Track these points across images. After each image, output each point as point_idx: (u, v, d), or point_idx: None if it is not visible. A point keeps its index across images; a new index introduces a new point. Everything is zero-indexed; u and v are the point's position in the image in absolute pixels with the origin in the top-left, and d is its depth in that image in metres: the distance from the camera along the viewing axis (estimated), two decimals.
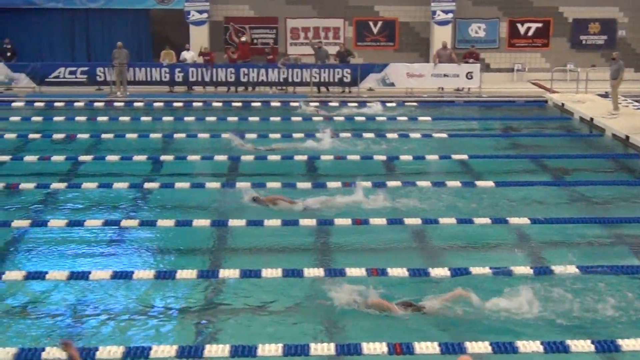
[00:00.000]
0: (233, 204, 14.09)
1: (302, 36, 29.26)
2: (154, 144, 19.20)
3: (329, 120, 22.06)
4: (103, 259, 11.84)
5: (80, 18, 28.78)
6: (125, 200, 14.60)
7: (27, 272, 11.03)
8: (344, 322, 9.62)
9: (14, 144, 19.12)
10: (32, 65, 26.47)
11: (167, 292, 10.51)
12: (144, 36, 29.20)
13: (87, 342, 9.05)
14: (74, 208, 14.14)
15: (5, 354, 8.63)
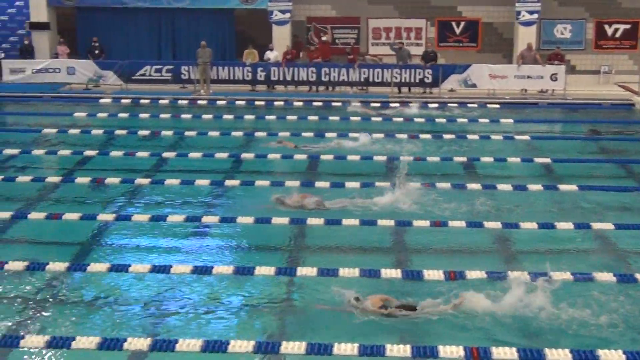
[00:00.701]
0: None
1: (383, 36, 29.20)
2: (236, 141, 19.44)
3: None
4: (184, 253, 12.07)
5: (166, 17, 29.35)
6: (206, 196, 14.83)
7: (111, 264, 11.33)
8: (419, 324, 9.57)
9: (100, 139, 19.65)
10: (120, 63, 27.13)
11: (245, 288, 10.63)
12: (228, 35, 29.60)
13: (167, 335, 9.25)
14: (156, 203, 14.43)
15: (89, 343, 8.90)
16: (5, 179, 15.76)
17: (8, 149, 18.22)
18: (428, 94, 26.61)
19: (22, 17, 29.52)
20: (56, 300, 10.29)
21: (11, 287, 10.65)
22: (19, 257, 11.47)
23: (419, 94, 26.57)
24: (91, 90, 26.64)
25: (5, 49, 29.40)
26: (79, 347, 8.85)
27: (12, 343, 8.95)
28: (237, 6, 28.80)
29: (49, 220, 13.28)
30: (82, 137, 19.89)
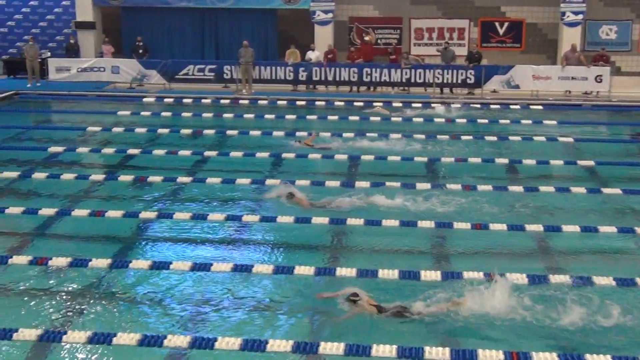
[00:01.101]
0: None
1: (426, 37, 29.08)
2: (277, 140, 19.49)
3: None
4: (224, 252, 12.16)
5: (210, 17, 29.56)
6: (247, 196, 14.91)
7: (153, 261, 11.45)
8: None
9: (144, 137, 19.87)
10: (163, 63, 27.40)
11: (284, 287, 10.67)
12: (271, 35, 29.71)
13: (206, 332, 9.33)
14: (198, 202, 14.55)
15: (129, 339, 9.01)
16: (50, 176, 16.01)
17: (53, 146, 18.50)
18: (471, 95, 26.42)
19: (68, 17, 29.96)
20: (98, 297, 10.43)
21: (55, 283, 10.82)
22: (62, 253, 11.65)
23: (463, 95, 26.41)
24: (135, 89, 26.93)
25: (52, 48, 29.86)
26: (120, 343, 8.96)
27: (54, 338, 9.10)
28: (279, 6, 28.89)
29: (92, 217, 13.47)
30: (125, 135, 20.12)
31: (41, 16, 30.30)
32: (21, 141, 19.52)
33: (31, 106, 25.05)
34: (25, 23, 30.33)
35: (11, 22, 30.35)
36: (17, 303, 10.27)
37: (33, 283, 10.84)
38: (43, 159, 17.70)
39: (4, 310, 10.06)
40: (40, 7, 30.27)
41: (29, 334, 9.12)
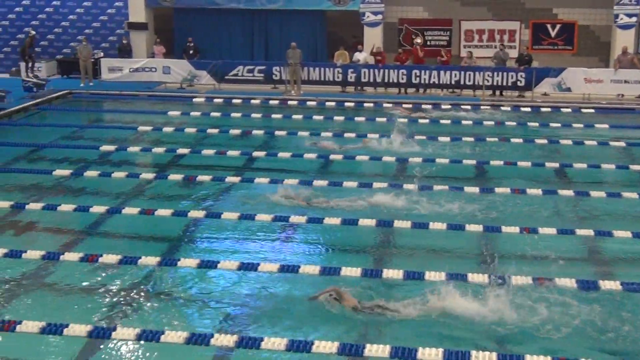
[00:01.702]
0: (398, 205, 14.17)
1: (476, 38, 28.84)
2: (325, 142, 19.48)
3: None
4: (272, 252, 12.24)
5: (259, 18, 29.72)
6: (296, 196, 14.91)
7: (201, 260, 11.56)
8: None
9: (193, 137, 20.06)
10: (213, 63, 27.62)
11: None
12: (320, 37, 29.76)
13: (253, 332, 9.39)
14: (246, 202, 14.64)
15: (177, 337, 9.11)
16: (102, 174, 16.27)
17: (105, 145, 18.80)
18: (521, 98, 26.14)
19: (121, 18, 30.37)
20: (147, 294, 10.57)
21: (104, 280, 10.99)
22: (112, 251, 11.84)
23: (513, 98, 26.15)
24: (185, 90, 27.19)
25: (105, 49, 30.31)
26: (167, 341, 9.07)
27: (104, 334, 9.25)
28: (329, 8, 28.92)
29: (142, 215, 13.66)
30: (175, 135, 20.32)
31: (95, 17, 30.78)
32: (74, 140, 19.85)
33: (84, 105, 25.45)
34: (79, 24, 30.83)
35: (65, 22, 30.88)
36: (67, 299, 10.47)
37: (83, 280, 11.02)
38: (95, 157, 17.98)
39: (55, 306, 10.26)
40: (94, 8, 30.74)
41: (79, 329, 9.29)
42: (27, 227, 13.44)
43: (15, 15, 30.96)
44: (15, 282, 10.99)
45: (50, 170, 16.52)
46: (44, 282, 11.08)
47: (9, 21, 31.02)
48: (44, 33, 30.69)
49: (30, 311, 10.05)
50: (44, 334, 9.27)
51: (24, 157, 18.00)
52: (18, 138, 19.91)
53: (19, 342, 9.28)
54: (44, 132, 20.77)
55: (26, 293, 10.67)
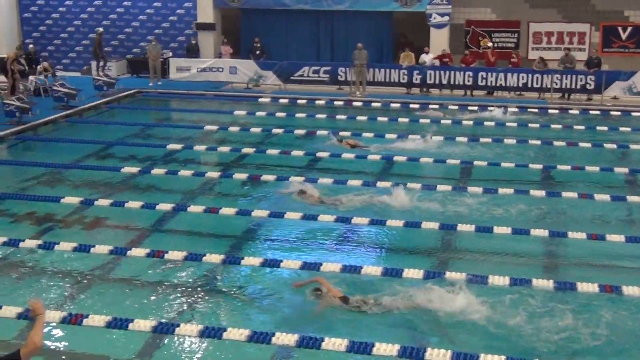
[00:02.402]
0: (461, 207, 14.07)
1: (544, 41, 28.39)
2: (387, 143, 19.46)
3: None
4: (333, 252, 12.27)
5: (325, 19, 29.78)
6: (358, 197, 14.91)
7: (264, 259, 11.66)
8: None
9: (258, 137, 20.22)
10: (279, 64, 27.80)
11: (393, 290, 10.65)
12: (386, 38, 29.68)
13: (314, 332, 9.42)
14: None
15: (239, 335, 9.20)
16: (168, 172, 16.53)
17: (172, 143, 19.09)
18: (590, 101, 25.65)
19: (189, 18, 30.79)
20: (210, 291, 10.71)
21: (170, 276, 11.16)
22: (177, 248, 12.02)
23: (582, 101, 25.68)
24: (251, 90, 27.43)
25: (173, 48, 30.77)
26: (230, 338, 9.17)
27: (167, 330, 9.40)
28: (396, 9, 28.81)
29: (207, 213, 13.83)
30: (241, 134, 20.51)
31: (164, 17, 31.26)
32: (142, 138, 20.22)
33: (152, 104, 25.90)
34: (148, 24, 31.37)
35: (136, 22, 31.44)
36: (133, 294, 10.67)
37: (149, 275, 11.22)
38: (162, 155, 18.28)
39: (121, 300, 10.47)
40: (164, 9, 31.23)
41: (144, 324, 9.46)
42: (95, 222, 13.75)
43: (87, 15, 31.65)
44: (83, 276, 11.26)
45: (119, 168, 16.87)
46: (111, 276, 11.31)
47: (81, 21, 31.73)
48: (115, 33, 31.31)
49: (97, 305, 10.27)
50: (109, 328, 9.46)
51: (93, 154, 18.41)
52: (88, 135, 20.38)
53: (85, 335, 9.49)
54: (113, 130, 21.22)
55: (93, 287, 10.91)
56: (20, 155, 18.99)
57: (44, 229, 13.35)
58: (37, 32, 32.02)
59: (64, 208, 14.26)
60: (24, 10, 31.98)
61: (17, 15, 31.90)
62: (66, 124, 21.93)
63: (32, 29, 32.05)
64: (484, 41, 28.23)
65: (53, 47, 31.89)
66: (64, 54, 31.93)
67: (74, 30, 31.87)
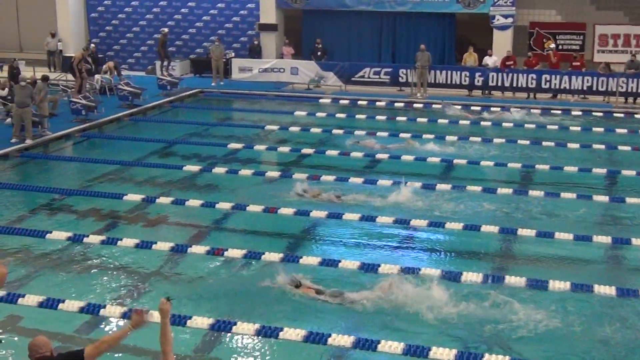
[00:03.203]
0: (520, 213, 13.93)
1: (610, 43, 27.84)
2: (449, 146, 19.35)
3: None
4: (392, 254, 12.26)
5: (387, 21, 29.68)
6: (418, 199, 14.89)
7: (322, 259, 11.72)
8: None
9: (318, 138, 20.26)
10: (340, 65, 27.82)
11: (451, 293, 10.59)
12: (448, 40, 29.45)
13: (367, 334, 9.42)
14: (368, 203, 14.69)
15: (295, 335, 9.25)
16: (229, 171, 16.70)
17: (233, 143, 19.28)
18: None
19: (252, 19, 31.02)
20: (269, 290, 10.76)
21: (228, 274, 11.27)
22: (237, 246, 12.15)
23: None
24: (312, 90, 27.51)
25: (236, 49, 31.04)
26: (285, 337, 9.23)
27: (225, 327, 9.50)
28: (458, 10, 28.58)
29: (265, 213, 13.94)
30: (301, 135, 20.59)
31: (227, 18, 31.56)
32: (203, 137, 20.46)
33: (214, 104, 26.18)
34: (212, 24, 31.70)
35: (199, 23, 31.81)
36: (192, 291, 10.80)
37: (208, 272, 11.35)
38: (223, 154, 18.48)
39: (180, 297, 10.59)
40: (227, 10, 31.52)
41: (201, 322, 9.58)
42: (157, 220, 13.98)
43: (152, 15, 32.16)
44: (143, 272, 11.44)
45: (181, 166, 17.11)
46: (171, 273, 11.46)
47: (146, 21, 32.25)
48: (179, 33, 31.73)
49: (156, 301, 10.41)
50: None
51: (156, 153, 18.71)
52: (151, 134, 20.73)
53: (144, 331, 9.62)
54: (176, 129, 21.53)
55: (154, 283, 11.08)
56: (85, 152, 19.41)
57: (107, 225, 13.63)
58: (103, 32, 32.66)
59: (126, 205, 14.54)
60: (91, 10, 32.66)
61: (84, 15, 32.61)
62: (130, 122, 22.34)
63: (98, 28, 32.72)
64: (547, 43, 27.81)
65: (119, 47, 32.48)
66: (129, 54, 32.50)
67: (139, 31, 32.42)
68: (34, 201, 15.10)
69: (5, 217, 13.95)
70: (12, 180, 16.75)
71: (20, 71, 23.76)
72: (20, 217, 14.02)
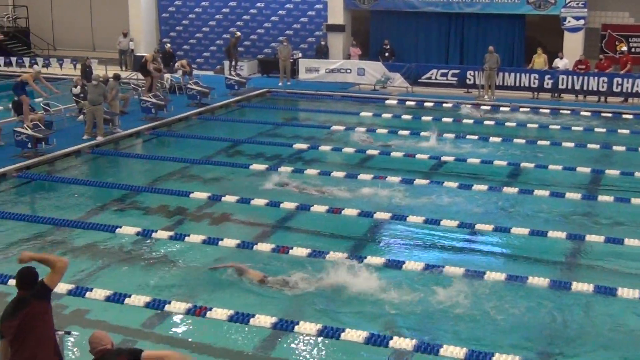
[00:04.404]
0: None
1: None
2: (517, 149, 19.11)
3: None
4: (456, 257, 12.18)
5: (456, 22, 29.44)
6: (481, 203, 14.77)
7: (387, 259, 11.73)
8: None
9: (385, 139, 20.18)
10: (408, 66, 27.69)
11: (516, 297, 10.48)
12: (518, 41, 29.05)
13: (430, 337, 9.38)
14: (433, 206, 14.62)
15: (356, 336, 9.27)
16: (295, 171, 16.78)
17: (299, 143, 19.38)
18: None
19: (320, 20, 31.14)
20: (332, 290, 10.79)
21: (292, 272, 11.31)
22: (301, 245, 12.22)
23: None
24: (378, 91, 27.46)
25: (303, 49, 31.20)
26: (347, 339, 9.26)
27: (287, 327, 9.57)
28: (529, 12, 28.16)
29: (329, 213, 13.98)
30: (367, 136, 20.45)
31: (295, 19, 31.74)
32: (269, 136, 20.61)
33: (280, 103, 26.35)
34: (280, 25, 31.93)
35: (267, 23, 32.07)
36: (256, 289, 10.89)
37: (273, 271, 11.42)
38: (288, 154, 18.60)
39: (244, 295, 10.72)
40: (295, 10, 31.71)
41: (264, 320, 9.67)
42: (222, 217, 14.15)
43: (221, 15, 32.56)
44: (208, 269, 11.58)
45: (247, 165, 17.28)
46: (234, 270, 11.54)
47: (216, 21, 32.67)
48: (247, 33, 32.03)
49: (221, 298, 10.57)
50: (231, 321, 9.73)
51: (223, 151, 18.95)
52: (218, 133, 20.98)
53: (208, 327, 9.79)
54: (242, 128, 21.76)
55: (219, 280, 11.20)
56: (154, 150, 19.78)
57: (174, 222, 13.87)
58: (173, 32, 33.20)
59: (193, 202, 14.76)
60: (162, 10, 33.24)
61: (156, 15, 33.20)
62: (198, 121, 22.65)
63: (169, 28, 33.27)
64: (620, 46, 27.21)
65: (188, 47, 32.97)
66: (198, 53, 32.96)
67: (208, 31, 32.85)
68: (105, 196, 15.46)
69: (77, 212, 14.30)
70: (84, 176, 17.23)
71: (92, 70, 24.37)
72: (91, 212, 14.36)
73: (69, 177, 16.80)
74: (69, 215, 13.98)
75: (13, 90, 20.16)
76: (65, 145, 18.50)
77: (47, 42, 36.07)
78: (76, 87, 22.35)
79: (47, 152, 17.92)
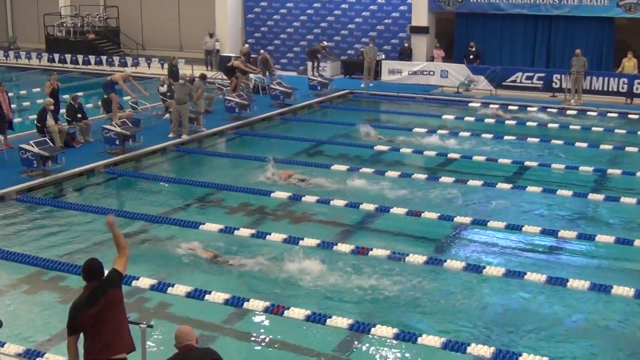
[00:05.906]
0: None
1: None
2: (603, 155, 18.68)
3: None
4: (537, 263, 11.98)
5: (543, 24, 28.89)
6: (566, 209, 14.49)
7: (467, 264, 11.66)
8: None
9: (465, 142, 19.98)
10: (492, 69, 27.33)
11: (598, 306, 10.26)
12: (606, 45, 28.32)
13: (511, 346, 9.24)
14: (514, 210, 14.42)
15: (434, 341, 9.21)
16: (375, 172, 16.76)
17: (380, 144, 19.38)
18: None
19: (404, 21, 31.01)
20: (409, 292, 10.76)
21: (371, 273, 11.31)
22: (381, 246, 12.22)
23: None
24: (461, 94, 27.18)
25: (386, 51, 31.13)
26: (424, 343, 9.22)
27: (363, 329, 9.59)
28: (619, 15, 27.44)
29: (409, 216, 13.94)
30: (448, 138, 20.32)
31: (379, 20, 31.70)
32: (351, 138, 20.63)
33: (363, 105, 26.34)
34: (364, 26, 31.94)
35: (351, 25, 32.13)
36: (335, 289, 10.93)
37: (351, 271, 11.44)
38: (369, 156, 18.60)
39: (322, 295, 10.77)
40: (379, 12, 31.66)
41: (341, 322, 9.71)
42: (302, 217, 14.26)
43: (306, 17, 32.78)
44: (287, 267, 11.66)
45: (328, 165, 17.36)
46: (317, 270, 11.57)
47: (300, 22, 32.92)
48: (331, 35, 32.15)
49: (299, 298, 10.65)
50: (308, 321, 9.81)
51: (304, 152, 19.08)
52: (300, 133, 21.11)
53: (285, 326, 9.88)
54: (324, 129, 21.85)
55: (299, 279, 11.27)
56: (236, 149, 20.05)
57: (255, 220, 14.05)
58: (258, 33, 33.60)
59: (273, 201, 14.92)
60: (248, 11, 33.67)
61: (242, 16, 33.66)
62: (280, 121, 22.87)
63: (254, 29, 33.69)
64: None
65: (272, 47, 33.28)
66: (282, 54, 33.27)
67: (292, 32, 33.13)
68: (188, 194, 15.78)
69: (161, 208, 14.64)
70: (168, 173, 17.61)
71: (179, 69, 24.87)
72: (175, 209, 14.68)
73: (154, 173, 17.21)
74: (153, 210, 14.32)
75: (103, 89, 20.82)
76: (151, 142, 18.97)
77: (136, 41, 36.99)
78: (163, 86, 22.86)
79: (134, 149, 18.42)
